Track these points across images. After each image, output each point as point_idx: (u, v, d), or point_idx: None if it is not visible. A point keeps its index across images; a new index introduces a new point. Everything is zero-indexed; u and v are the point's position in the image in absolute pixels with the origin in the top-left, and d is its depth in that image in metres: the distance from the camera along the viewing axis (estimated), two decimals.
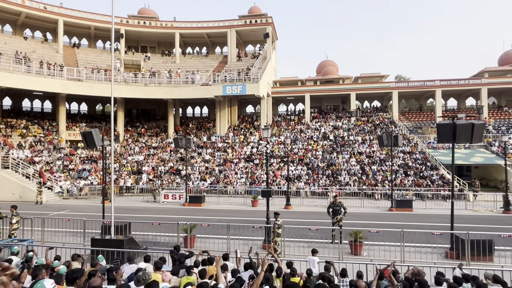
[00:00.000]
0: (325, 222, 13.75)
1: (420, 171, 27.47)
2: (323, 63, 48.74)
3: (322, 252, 11.23)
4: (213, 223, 13.01)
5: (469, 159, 29.27)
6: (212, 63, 41.68)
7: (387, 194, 23.46)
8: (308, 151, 32.27)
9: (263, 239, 12.46)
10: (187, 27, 41.41)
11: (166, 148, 35.26)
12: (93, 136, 12.26)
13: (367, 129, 35.91)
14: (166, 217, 18.08)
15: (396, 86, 38.87)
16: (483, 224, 15.95)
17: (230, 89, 33.57)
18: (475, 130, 10.52)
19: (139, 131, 39.20)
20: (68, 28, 39.15)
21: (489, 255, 10.30)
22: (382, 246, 11.39)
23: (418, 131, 36.03)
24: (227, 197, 25.65)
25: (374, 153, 30.94)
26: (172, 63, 41.20)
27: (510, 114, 37.71)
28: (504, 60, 43.31)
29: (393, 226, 15.25)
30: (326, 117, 40.17)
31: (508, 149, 28.51)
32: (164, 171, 31.13)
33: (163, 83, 35.48)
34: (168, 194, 24.42)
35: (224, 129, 37.13)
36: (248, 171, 29.63)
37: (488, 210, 20.32)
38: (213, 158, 32.61)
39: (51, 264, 6.52)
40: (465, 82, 37.34)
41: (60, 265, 6.32)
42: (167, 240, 12.57)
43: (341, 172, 28.31)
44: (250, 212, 20.38)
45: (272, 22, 40.27)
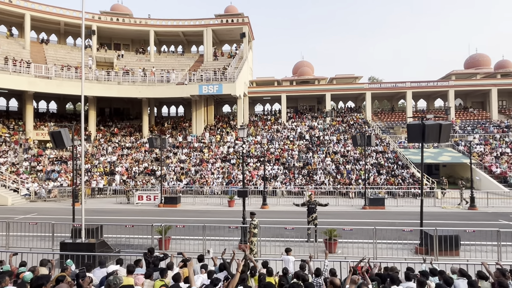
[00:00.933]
0: (301, 221, 13.91)
1: (392, 169, 28.36)
2: (299, 63, 49.32)
3: (298, 250, 11.35)
4: (189, 224, 12.84)
5: (437, 158, 30.53)
6: (188, 62, 41.16)
7: (361, 193, 24.05)
8: (285, 150, 32.54)
9: (239, 239, 12.43)
10: (162, 25, 40.66)
11: (141, 148, 34.47)
12: (62, 136, 11.76)
13: (342, 129, 36.67)
14: (140, 219, 17.69)
15: (369, 87, 39.94)
16: (451, 220, 16.67)
17: (206, 89, 33.29)
18: (443, 130, 10.96)
19: (112, 130, 38.10)
20: (36, 23, 37.44)
21: (456, 250, 10.78)
22: (356, 243, 11.66)
23: (390, 131, 37.19)
24: (203, 197, 25.42)
25: (348, 152, 31.63)
26: (146, 62, 40.32)
27: (475, 115, 39.67)
28: (470, 63, 45.51)
29: (366, 223, 15.63)
30: (302, 117, 40.66)
31: (473, 149, 30.01)
32: (138, 172, 30.43)
33: (137, 82, 34.67)
34: (142, 195, 23.89)
35: (200, 129, 36.76)
36: (225, 171, 29.49)
37: (455, 206, 21.25)
38: (189, 158, 32.21)
39: (15, 271, 6.20)
40: (433, 84, 38.95)
41: (26, 271, 6.02)
42: (141, 242, 12.29)
43: (316, 172, 28.74)
44: (226, 212, 20.29)
45: (249, 22, 40.29)
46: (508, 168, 28.02)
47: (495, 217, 17.58)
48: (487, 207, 20.93)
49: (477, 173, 27.74)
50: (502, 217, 17.51)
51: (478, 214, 19.03)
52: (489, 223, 15.55)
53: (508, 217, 17.44)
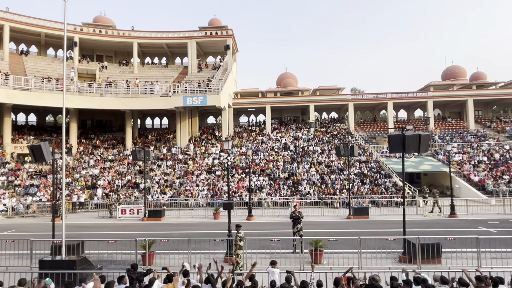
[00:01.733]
0: (287, 233, 13.93)
1: (375, 179, 28.83)
2: (283, 75, 50.00)
3: (284, 262, 11.33)
4: (174, 238, 12.65)
5: (418, 167, 31.26)
6: (172, 74, 41.10)
7: (345, 202, 24.29)
8: (270, 161, 32.65)
9: (224, 252, 12.32)
10: (146, 36, 40.61)
11: (124, 160, 33.90)
12: (42, 150, 11.49)
13: (326, 139, 37.16)
14: (123, 234, 17.29)
15: (352, 98, 40.81)
16: (432, 228, 17.04)
17: (191, 100, 33.24)
18: (422, 140, 11.30)
19: (94, 143, 37.39)
20: (15, 34, 36.72)
21: (438, 258, 10.99)
22: (341, 253, 11.73)
23: (373, 141, 37.93)
24: (188, 210, 25.10)
25: (332, 162, 32.01)
26: (130, 73, 40.02)
27: (453, 124, 41.00)
28: (447, 75, 47.25)
29: (351, 233, 15.79)
30: (287, 128, 41.03)
31: (452, 157, 30.91)
32: (121, 185, 29.85)
33: (120, 93, 34.29)
34: (125, 209, 23.40)
35: (184, 141, 36.53)
36: (210, 183, 29.29)
37: (436, 214, 21.72)
38: (173, 170, 31.87)
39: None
40: (413, 95, 40.14)
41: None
42: (124, 258, 11.99)
43: (301, 182, 28.91)
44: (211, 225, 20.09)
45: (233, 35, 40.73)
46: (486, 176, 28.94)
47: (474, 224, 18.05)
48: (466, 214, 21.49)
49: (456, 181, 28.52)
50: (481, 224, 17.99)
51: (458, 221, 19.51)
52: (469, 230, 15.96)
53: (487, 224, 17.95)
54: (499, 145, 34.47)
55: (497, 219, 19.65)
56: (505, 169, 29.89)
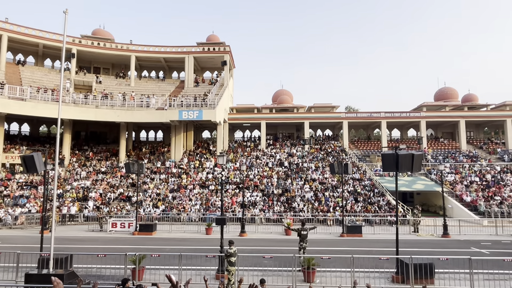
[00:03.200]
0: (280, 250, 13.80)
1: (369, 197, 28.84)
2: (279, 92, 50.50)
3: (276, 280, 11.19)
4: (164, 253, 12.45)
5: (411, 186, 31.40)
6: (168, 88, 41.32)
7: (338, 220, 24.19)
8: (264, 177, 32.58)
9: (216, 268, 12.14)
10: (144, 50, 40.99)
11: (116, 173, 33.58)
12: (34, 160, 11.37)
13: (320, 156, 37.30)
14: (113, 248, 16.98)
15: (346, 116, 41.24)
16: (425, 248, 16.99)
17: (186, 114, 33.33)
18: (415, 160, 11.43)
19: (87, 154, 37.08)
20: (12, 44, 36.85)
21: (431, 278, 10.94)
22: (334, 272, 11.62)
23: (366, 159, 38.15)
24: (180, 224, 24.78)
25: (326, 179, 32.04)
26: (126, 86, 40.17)
27: (446, 144, 41.49)
28: (439, 96, 48.10)
29: (344, 252, 15.67)
30: (281, 144, 41.16)
31: (445, 177, 31.15)
32: (113, 198, 29.47)
33: (116, 106, 34.29)
34: (116, 222, 23.03)
35: (179, 154, 36.40)
36: (203, 198, 29.05)
37: (429, 234, 21.71)
38: (166, 184, 31.60)
39: None
40: (406, 115, 40.71)
41: None
42: (113, 273, 11.74)
43: (295, 199, 28.81)
44: (204, 240, 19.83)
45: (230, 51, 41.31)
46: (478, 197, 29.13)
47: (467, 245, 18.05)
48: (459, 234, 21.50)
49: (449, 201, 28.65)
50: (473, 245, 18.01)
51: (451, 242, 19.50)
52: (462, 250, 15.96)
53: (479, 245, 17.96)
54: (491, 166, 34.87)
55: (489, 240, 19.70)
56: (496, 190, 30.15)
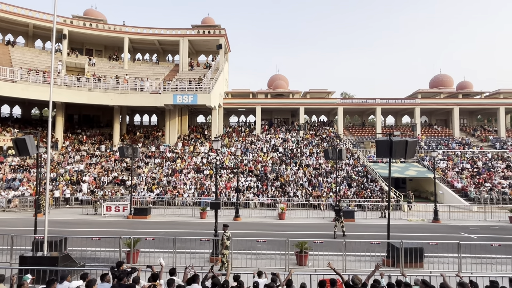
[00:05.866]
0: (273, 234, 13.98)
1: (362, 183, 29.16)
2: (274, 77, 50.13)
3: (270, 263, 11.38)
4: (159, 237, 12.56)
5: (404, 172, 31.76)
6: (162, 71, 40.77)
7: (332, 205, 24.49)
8: (258, 162, 32.68)
9: (210, 252, 12.29)
10: (137, 32, 40.16)
11: (111, 157, 33.44)
12: (26, 143, 11.22)
13: (315, 142, 37.41)
14: (107, 231, 17.06)
15: (341, 102, 41.20)
16: (416, 232, 17.33)
17: (181, 98, 33.00)
18: (409, 146, 11.51)
19: (80, 138, 36.76)
20: (1, 24, 35.92)
21: (420, 262, 11.20)
22: (326, 256, 11.84)
23: (361, 145, 38.37)
24: (174, 208, 24.92)
25: (320, 165, 32.24)
26: (120, 69, 39.52)
27: (439, 132, 41.81)
28: (434, 83, 48.15)
29: (337, 236, 15.94)
30: (276, 129, 41.15)
31: (437, 164, 31.52)
32: (107, 182, 29.43)
33: (109, 89, 33.79)
34: (110, 206, 23.08)
35: (173, 139, 36.25)
36: (198, 182, 29.14)
37: (420, 219, 22.11)
38: (161, 168, 31.59)
39: None
40: (401, 102, 40.78)
41: None
42: (108, 255, 11.83)
43: (289, 184, 29.02)
44: (198, 224, 20.00)
45: (225, 34, 40.65)
46: (468, 183, 29.60)
47: (456, 230, 18.45)
48: (449, 220, 21.93)
49: (440, 187, 29.09)
50: (462, 230, 18.41)
51: (441, 227, 19.91)
52: (451, 235, 16.32)
53: (468, 230, 18.37)
54: (482, 153, 35.32)
55: (478, 225, 20.14)
56: (487, 177, 30.64)
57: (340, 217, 16.70)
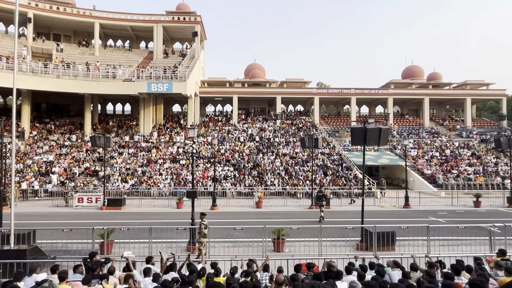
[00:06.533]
0: (250, 222, 14.04)
1: (337, 171, 29.79)
2: (251, 66, 49.80)
3: (247, 250, 11.44)
4: (134, 227, 12.28)
5: (377, 160, 32.70)
6: (136, 58, 39.48)
7: (308, 193, 24.90)
8: (235, 151, 32.60)
9: (187, 241, 12.19)
10: (108, 17, 38.50)
11: (82, 147, 32.28)
12: None
13: (291, 131, 37.71)
14: (80, 222, 16.53)
15: (318, 92, 41.62)
16: (388, 218, 17.95)
17: (156, 87, 32.15)
18: (382, 134, 11.80)
19: (48, 128, 35.19)
20: None
21: (392, 245, 11.62)
22: (302, 242, 12.04)
23: (336, 135, 39.06)
24: (150, 199, 24.51)
25: (297, 154, 32.60)
26: (90, 55, 37.90)
27: (410, 121, 43.22)
28: (406, 74, 49.50)
29: (312, 222, 16.23)
30: (253, 119, 41.09)
31: (408, 152, 32.64)
32: (78, 173, 28.45)
33: (79, 76, 32.36)
34: (82, 197, 22.37)
35: (148, 128, 35.42)
36: (174, 172, 28.73)
37: (391, 205, 22.92)
38: (135, 158, 30.86)
39: None
40: (375, 92, 41.72)
41: None
42: (80, 247, 11.47)
43: (266, 173, 29.19)
44: (175, 214, 19.79)
45: (201, 21, 39.80)
46: (437, 170, 30.92)
47: (425, 215, 19.28)
48: (419, 205, 22.86)
49: (411, 174, 30.20)
50: (431, 214, 19.25)
51: (412, 212, 20.73)
52: (421, 220, 17.04)
53: (437, 214, 19.24)
54: (450, 142, 36.90)
55: (445, 210, 21.12)
56: (454, 164, 32.10)
57: (322, 202, 17.24)
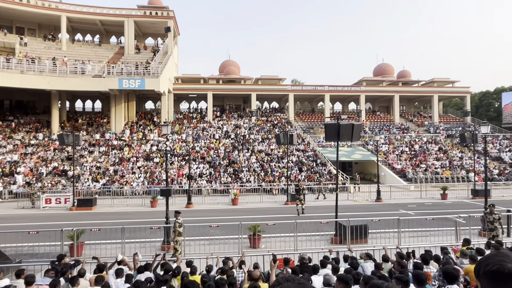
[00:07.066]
0: (226, 219, 13.99)
1: (312, 167, 30.24)
2: (226, 62, 49.44)
3: (223, 248, 11.38)
4: (106, 227, 11.91)
5: (350, 156, 33.48)
6: (106, 54, 38.17)
7: (283, 189, 25.11)
8: (210, 149, 32.33)
9: (162, 240, 11.98)
10: (76, 10, 36.95)
11: (49, 146, 30.89)
12: None
13: (266, 128, 37.85)
14: (48, 224, 15.84)
15: (292, 89, 41.99)
16: (361, 211, 18.44)
17: (127, 83, 31.22)
18: (355, 130, 12.08)
19: (12, 126, 33.39)
20: None
21: (365, 238, 11.95)
22: (278, 237, 12.14)
23: (310, 131, 39.61)
24: (123, 198, 23.85)
25: (272, 151, 32.78)
26: (57, 50, 36.24)
27: (381, 118, 44.53)
28: (377, 71, 50.86)
29: (288, 218, 16.37)
30: (228, 116, 40.89)
31: (380, 148, 33.64)
32: (46, 173, 27.22)
33: (45, 72, 30.86)
34: (50, 198, 21.43)
35: (120, 126, 34.39)
36: (147, 171, 28.11)
37: (364, 199, 23.56)
38: (107, 156, 29.91)
39: None
40: (348, 89, 42.62)
41: None
42: (48, 250, 10.97)
43: (242, 170, 29.17)
44: (149, 213, 19.38)
45: (174, 16, 39.03)
46: (407, 165, 32.09)
47: (396, 208, 19.96)
48: (390, 199, 23.63)
49: (382, 169, 31.14)
50: (401, 207, 19.96)
51: (383, 205, 21.39)
52: (391, 213, 17.61)
53: (407, 207, 19.97)
54: (419, 137, 38.38)
55: (415, 202, 21.97)
56: (422, 159, 33.43)
57: (300, 196, 18.09)
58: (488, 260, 1.36)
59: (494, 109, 57.24)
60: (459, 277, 3.90)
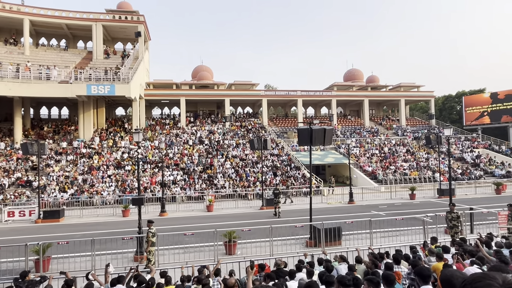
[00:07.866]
0: (201, 226, 13.81)
1: (286, 171, 30.51)
2: (198, 68, 49.11)
3: (198, 256, 11.23)
4: (75, 239, 11.42)
5: (323, 159, 34.12)
6: (73, 59, 36.86)
7: (258, 194, 25.16)
8: (184, 155, 31.88)
9: (134, 250, 11.64)
10: (40, 14, 35.48)
11: (12, 155, 29.29)
12: None
13: (240, 133, 37.86)
14: (10, 239, 15.01)
15: (266, 94, 42.34)
16: (334, 214, 18.79)
17: (96, 89, 30.26)
18: (327, 134, 12.34)
19: None
20: None
21: (338, 240, 12.19)
22: (254, 242, 12.13)
23: (284, 136, 40.04)
24: (93, 208, 22.97)
25: (247, 156, 32.80)
26: (19, 55, 34.60)
27: (353, 121, 45.79)
28: (348, 76, 52.33)
29: (264, 223, 16.41)
30: (202, 121, 40.56)
31: (351, 151, 34.53)
32: (8, 184, 25.75)
33: (6, 77, 29.31)
34: (13, 210, 20.27)
35: (89, 133, 33.20)
36: (119, 179, 27.26)
37: (337, 202, 24.05)
38: (75, 165, 28.75)
39: None
40: (320, 94, 43.54)
41: None
42: (11, 266, 10.37)
43: (216, 176, 28.95)
44: (120, 223, 18.77)
45: (145, 21, 38.37)
46: (377, 167, 33.12)
47: (368, 209, 20.53)
48: (362, 200, 24.26)
49: (354, 171, 31.96)
50: (373, 208, 20.55)
51: (355, 207, 21.94)
52: (364, 214, 18.09)
53: (378, 208, 20.58)
54: (388, 140, 39.77)
55: (385, 203, 22.69)
56: (391, 161, 34.63)
57: (278, 199, 19.20)
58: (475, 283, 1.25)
59: (456, 112, 60.46)
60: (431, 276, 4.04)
